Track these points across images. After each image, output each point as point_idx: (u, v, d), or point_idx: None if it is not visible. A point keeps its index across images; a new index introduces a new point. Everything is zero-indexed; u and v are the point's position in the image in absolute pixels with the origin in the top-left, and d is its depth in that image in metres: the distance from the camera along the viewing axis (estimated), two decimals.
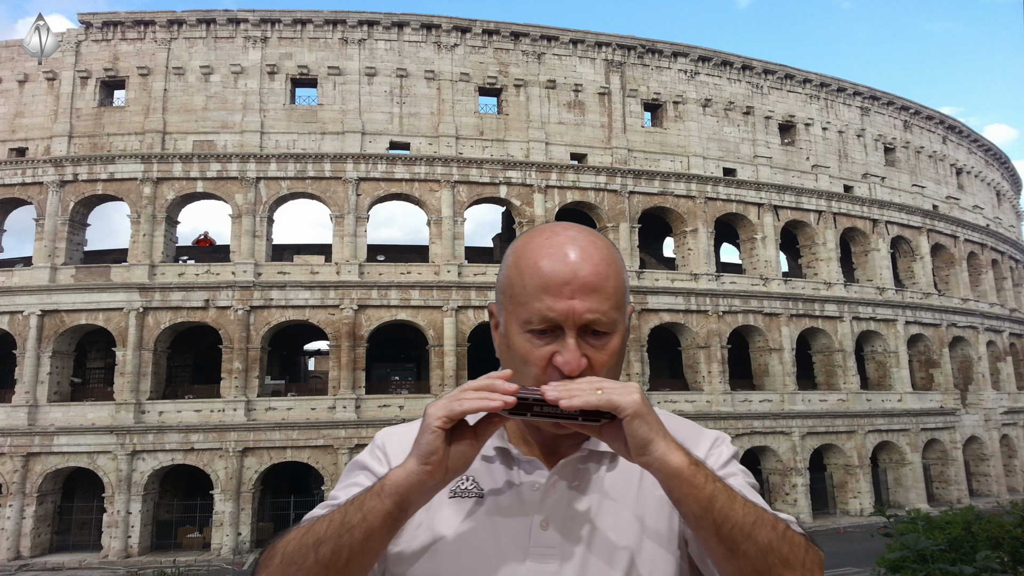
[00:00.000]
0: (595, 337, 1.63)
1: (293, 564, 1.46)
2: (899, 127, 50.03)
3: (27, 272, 34.97)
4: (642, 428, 1.45)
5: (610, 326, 1.64)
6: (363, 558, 1.47)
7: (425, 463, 1.47)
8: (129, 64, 37.30)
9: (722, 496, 1.44)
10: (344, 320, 34.79)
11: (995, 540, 9.79)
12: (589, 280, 1.61)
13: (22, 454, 31.91)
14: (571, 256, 1.63)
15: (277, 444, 33.22)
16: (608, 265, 1.65)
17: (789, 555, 1.42)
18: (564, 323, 1.60)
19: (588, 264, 1.62)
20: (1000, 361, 50.44)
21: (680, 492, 1.45)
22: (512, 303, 1.67)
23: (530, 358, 1.63)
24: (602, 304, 1.61)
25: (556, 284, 1.60)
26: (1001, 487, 45.45)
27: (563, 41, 40.85)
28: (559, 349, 1.61)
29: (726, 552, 1.43)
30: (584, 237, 1.68)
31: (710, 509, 1.43)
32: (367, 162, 36.69)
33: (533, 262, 1.64)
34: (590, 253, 1.64)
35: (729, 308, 39.56)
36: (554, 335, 1.62)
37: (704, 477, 1.45)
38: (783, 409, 38.94)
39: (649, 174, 39.97)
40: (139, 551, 31.58)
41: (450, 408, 1.46)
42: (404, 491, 1.47)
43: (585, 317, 1.60)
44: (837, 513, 39.89)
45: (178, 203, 36.83)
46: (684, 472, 1.44)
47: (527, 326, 1.63)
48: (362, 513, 1.47)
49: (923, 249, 47.36)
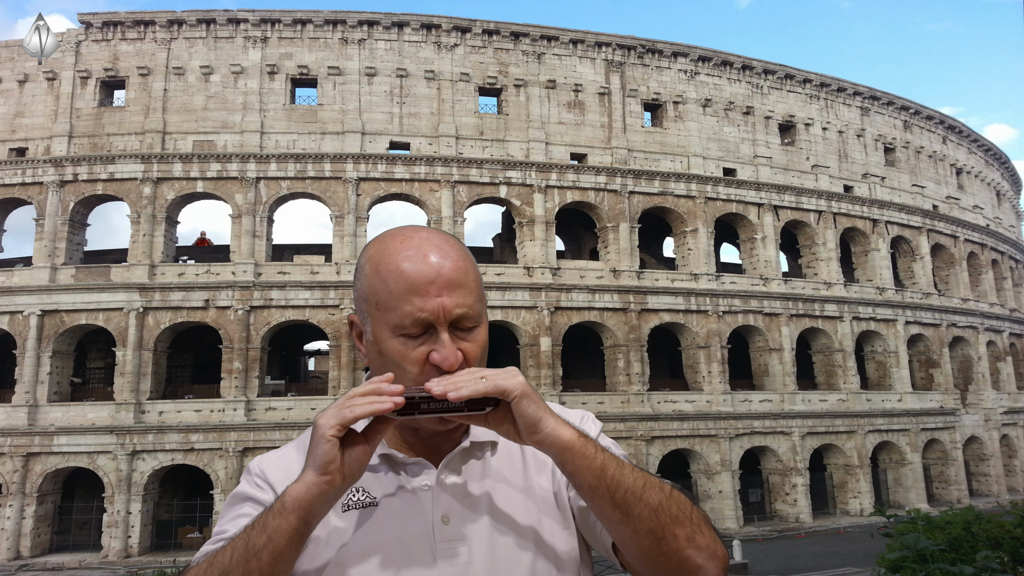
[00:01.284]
0: (464, 331, 1.68)
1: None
2: (899, 127, 50.03)
3: (27, 272, 34.97)
4: (531, 407, 1.51)
5: (476, 318, 1.69)
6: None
7: (324, 473, 1.46)
8: (129, 64, 37.30)
9: (612, 464, 1.52)
10: (344, 320, 34.80)
11: (995, 540, 9.79)
12: (452, 276, 1.66)
13: (22, 454, 31.91)
14: (431, 256, 1.67)
15: (277, 444, 32.99)
16: (465, 260, 1.71)
17: (678, 512, 1.50)
18: (436, 321, 1.63)
19: (448, 261, 1.67)
20: (1000, 361, 50.44)
21: (573, 464, 1.51)
22: (379, 310, 1.68)
23: (406, 361, 1.66)
24: (467, 297, 1.66)
25: (422, 284, 1.63)
26: (1001, 487, 45.46)
27: (563, 41, 40.86)
28: (434, 347, 1.64)
29: (621, 516, 1.50)
30: (437, 236, 1.74)
31: (602, 477, 1.50)
32: (367, 162, 36.70)
33: (394, 266, 1.67)
34: (447, 251, 1.69)
35: (729, 308, 39.56)
36: (426, 335, 1.66)
37: (594, 448, 1.53)
38: (783, 409, 38.93)
39: (649, 174, 39.97)
40: (139, 551, 31.58)
41: (341, 416, 1.47)
42: (307, 504, 1.46)
43: (455, 312, 1.64)
44: (837, 513, 39.89)
45: (178, 203, 36.83)
46: (576, 445, 1.51)
47: (399, 330, 1.66)
48: (267, 534, 1.45)
49: (923, 249, 47.36)
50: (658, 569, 1.52)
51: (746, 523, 36.85)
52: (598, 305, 37.48)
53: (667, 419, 36.71)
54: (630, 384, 36.93)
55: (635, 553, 1.54)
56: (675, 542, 1.49)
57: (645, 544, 1.50)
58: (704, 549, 1.50)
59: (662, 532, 1.48)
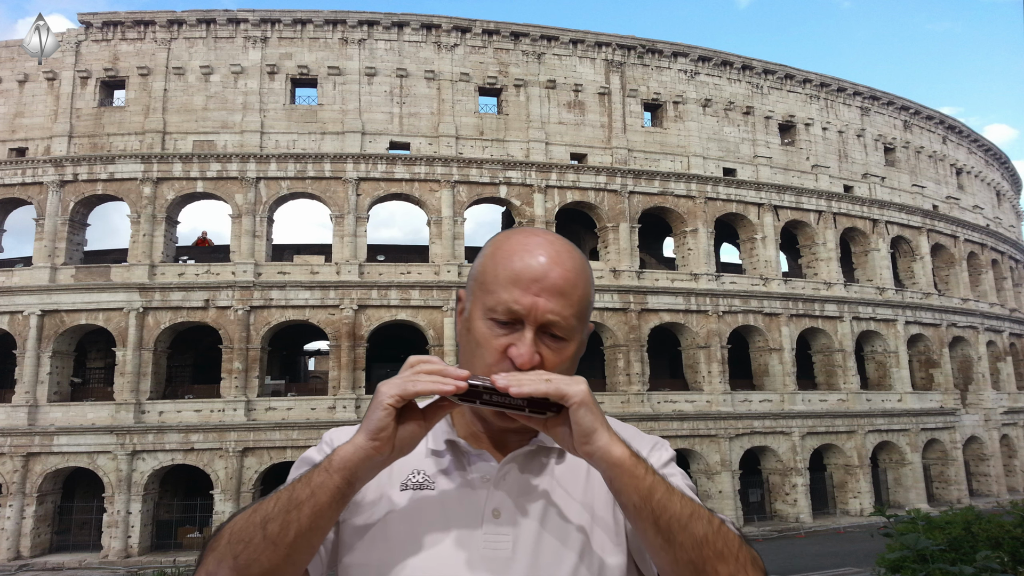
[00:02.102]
0: (552, 340, 1.68)
1: (240, 543, 1.47)
2: (899, 127, 50.03)
3: (27, 272, 34.97)
4: (587, 417, 1.50)
5: (568, 332, 1.68)
6: (311, 534, 1.49)
7: (374, 439, 1.50)
8: (129, 64, 37.30)
9: (661, 488, 1.49)
10: (344, 320, 34.80)
11: (995, 540, 9.79)
12: (558, 283, 1.66)
13: (22, 454, 31.91)
14: (545, 257, 1.68)
15: (277, 444, 33.22)
16: (578, 275, 1.70)
17: (723, 549, 1.46)
18: (526, 317, 1.65)
19: (559, 268, 1.67)
20: (1000, 361, 50.44)
21: (621, 482, 1.49)
22: (481, 290, 1.73)
23: (486, 345, 1.68)
24: (565, 309, 1.66)
25: (526, 279, 1.66)
26: (1001, 487, 45.45)
27: (563, 41, 40.86)
28: (515, 342, 1.66)
29: (663, 543, 1.47)
30: (561, 244, 1.74)
31: (649, 499, 1.47)
32: (367, 162, 36.69)
33: (508, 254, 1.71)
34: (563, 259, 1.70)
35: (729, 308, 39.57)
36: (513, 328, 1.67)
37: (644, 469, 1.50)
38: (783, 409, 38.94)
39: (649, 174, 39.97)
40: (139, 551, 31.58)
41: (403, 388, 1.50)
42: (352, 465, 1.50)
43: (546, 316, 1.65)
44: (837, 513, 39.89)
45: (178, 203, 36.83)
46: (625, 462, 1.49)
47: (490, 313, 1.68)
48: (310, 488, 1.50)
49: (923, 249, 47.36)
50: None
51: (746, 523, 36.85)
52: (598, 305, 37.46)
53: (667, 419, 36.71)
54: (630, 384, 36.94)
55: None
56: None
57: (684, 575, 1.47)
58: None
59: (703, 566, 1.45)
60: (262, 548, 1.46)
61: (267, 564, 1.47)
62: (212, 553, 1.50)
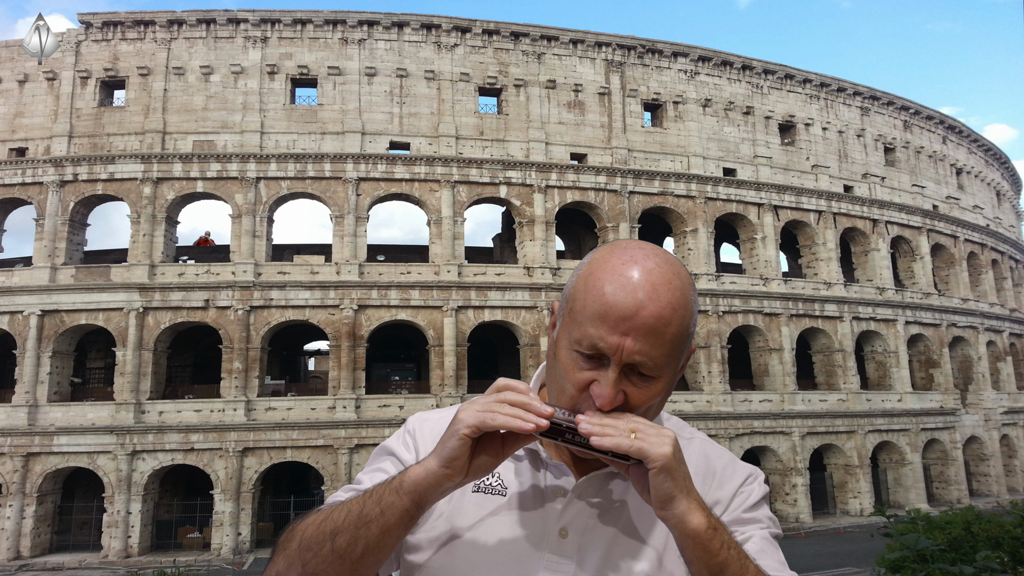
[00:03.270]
0: (640, 377, 1.59)
1: (310, 550, 1.50)
2: (899, 127, 50.03)
3: (27, 272, 34.96)
4: (666, 484, 1.43)
5: (657, 371, 1.58)
6: (378, 552, 1.50)
7: (447, 467, 1.49)
8: (129, 64, 37.29)
9: (734, 566, 1.44)
10: (344, 320, 34.79)
11: (995, 540, 9.78)
12: (648, 323, 1.53)
13: (22, 454, 31.90)
14: (640, 292, 1.54)
15: (277, 444, 33.21)
16: (675, 310, 1.55)
17: None
18: (611, 356, 1.55)
19: (654, 305, 1.53)
20: (1000, 361, 50.44)
21: (693, 553, 1.45)
22: (570, 316, 1.63)
23: (570, 377, 1.61)
24: (655, 349, 1.54)
25: (614, 317, 1.53)
26: (1001, 487, 45.44)
27: (563, 41, 40.85)
28: (599, 379, 1.57)
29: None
30: (661, 272, 1.58)
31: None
32: (367, 162, 36.69)
33: (600, 284, 1.57)
34: (660, 294, 1.55)
35: (729, 308, 39.57)
36: (600, 362, 1.58)
37: (720, 543, 1.45)
38: (783, 409, 38.93)
39: (649, 174, 39.97)
40: (139, 551, 31.58)
41: (482, 420, 1.46)
42: (423, 490, 1.50)
43: (633, 358, 1.54)
44: (837, 513, 39.88)
45: (178, 203, 36.83)
46: (701, 535, 1.43)
47: (576, 345, 1.59)
48: (380, 508, 1.50)
49: (923, 249, 47.35)
50: None
51: None
52: None
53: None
54: None
55: None
56: None
57: None
58: None
59: None
60: (330, 560, 1.48)
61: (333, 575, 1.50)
62: (283, 554, 1.53)
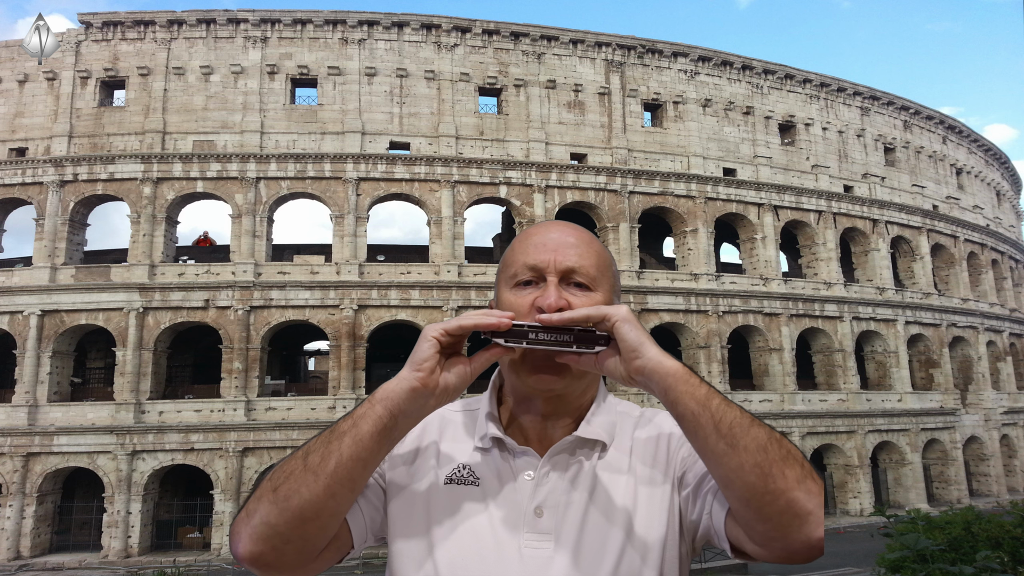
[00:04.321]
0: (578, 288, 1.72)
1: (281, 474, 1.50)
2: (899, 127, 50.02)
3: (27, 272, 34.96)
4: (632, 331, 1.52)
5: (591, 281, 1.73)
6: (351, 465, 1.49)
7: (418, 369, 1.54)
8: (129, 64, 37.29)
9: (717, 396, 1.48)
10: (344, 320, 34.79)
11: (995, 540, 9.78)
12: (570, 240, 1.76)
13: (22, 454, 31.90)
14: (557, 227, 1.82)
15: (277, 444, 33.21)
16: (591, 239, 1.81)
17: (787, 454, 1.43)
18: (546, 269, 1.71)
19: (572, 232, 1.80)
20: (1000, 361, 50.43)
21: (676, 391, 1.48)
22: (503, 271, 1.81)
23: (515, 307, 1.72)
24: (583, 258, 1.73)
25: (541, 241, 1.76)
26: (1001, 487, 45.43)
27: (563, 41, 40.85)
28: (542, 294, 1.71)
29: (726, 447, 1.42)
30: (574, 226, 1.85)
31: (707, 405, 1.45)
32: (367, 162, 36.69)
33: (523, 235, 1.83)
34: (575, 228, 1.83)
35: (729, 308, 39.56)
36: (538, 287, 1.73)
37: (698, 380, 1.50)
38: (783, 409, 38.92)
39: (649, 174, 39.96)
40: (139, 551, 31.58)
41: (447, 323, 1.57)
42: (395, 397, 1.53)
43: (565, 264, 1.71)
44: (837, 513, 39.86)
45: (178, 203, 36.83)
46: (679, 371, 1.50)
47: (513, 280, 1.75)
48: (352, 419, 1.52)
49: (923, 249, 47.35)
50: (764, 511, 1.41)
51: None
52: None
53: None
54: None
55: (740, 492, 1.43)
56: (783, 481, 1.39)
57: (751, 480, 1.40)
58: (816, 495, 1.40)
59: (770, 468, 1.39)
60: (302, 478, 1.46)
61: (307, 495, 1.46)
62: (253, 494, 1.52)
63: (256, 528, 1.47)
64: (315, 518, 1.48)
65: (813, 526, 1.40)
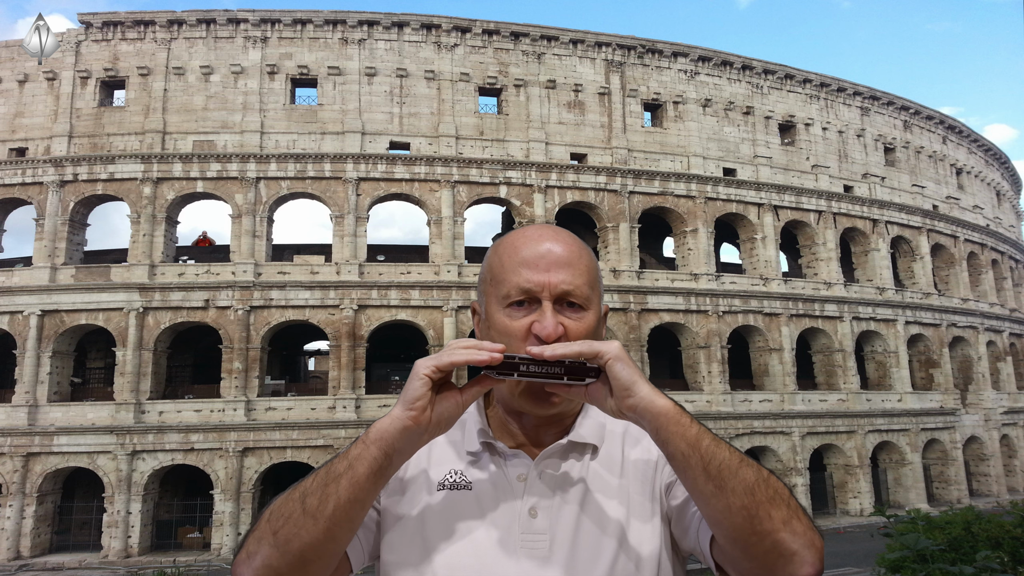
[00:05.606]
0: (572, 310, 1.73)
1: (280, 518, 1.50)
2: (899, 127, 50.02)
3: (27, 272, 34.96)
4: (625, 370, 1.53)
5: (585, 301, 1.74)
6: (349, 507, 1.50)
7: (410, 408, 1.53)
8: (129, 64, 37.29)
9: (707, 437, 1.50)
10: (344, 320, 34.79)
11: (995, 540, 9.78)
12: (563, 256, 1.74)
13: (22, 454, 31.90)
14: (546, 240, 1.78)
15: (277, 444, 33.21)
16: (581, 249, 1.80)
17: (775, 495, 1.46)
18: (540, 293, 1.71)
19: (561, 245, 1.77)
20: (1000, 361, 50.42)
21: (667, 431, 1.50)
22: (492, 284, 1.78)
23: (510, 330, 1.72)
24: (576, 277, 1.73)
25: (532, 259, 1.73)
26: (1001, 487, 45.43)
27: (563, 41, 40.85)
28: (537, 319, 1.70)
29: (714, 489, 1.45)
30: (557, 229, 1.85)
31: (697, 446, 1.47)
32: (367, 162, 36.69)
33: (511, 246, 1.80)
34: (563, 237, 1.81)
35: (729, 308, 39.56)
36: (531, 308, 1.72)
37: (689, 419, 1.52)
38: (783, 409, 38.92)
39: (649, 174, 39.96)
40: (139, 551, 31.57)
41: (438, 359, 1.55)
42: (389, 436, 1.53)
43: (560, 287, 1.71)
44: (837, 513, 39.87)
45: (178, 203, 36.82)
46: (671, 411, 1.51)
47: (506, 300, 1.74)
48: (348, 461, 1.52)
49: (923, 249, 47.34)
50: (750, 551, 1.46)
51: None
52: None
53: None
54: None
55: (727, 532, 1.47)
56: (769, 522, 1.43)
57: (737, 521, 1.44)
58: (801, 535, 1.44)
59: (756, 511, 1.43)
60: (301, 522, 1.48)
61: (307, 538, 1.48)
62: (253, 534, 1.52)
63: (259, 571, 1.49)
64: (316, 559, 1.51)
65: (798, 565, 1.44)
